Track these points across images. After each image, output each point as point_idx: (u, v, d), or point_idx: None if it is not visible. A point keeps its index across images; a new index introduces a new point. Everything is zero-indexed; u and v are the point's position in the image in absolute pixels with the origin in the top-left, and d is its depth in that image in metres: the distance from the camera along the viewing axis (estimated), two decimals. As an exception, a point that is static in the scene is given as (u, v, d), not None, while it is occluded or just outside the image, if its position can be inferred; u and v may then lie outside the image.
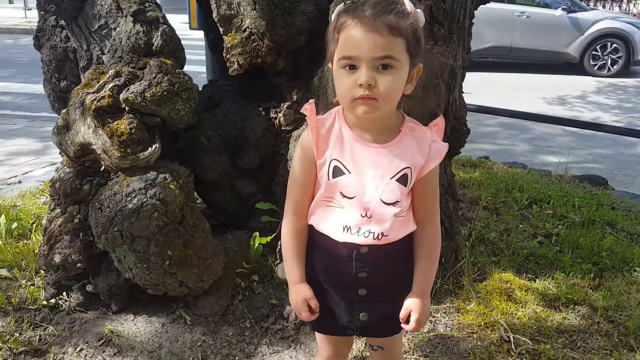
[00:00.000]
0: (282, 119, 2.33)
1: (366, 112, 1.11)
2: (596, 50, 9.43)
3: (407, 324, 1.27)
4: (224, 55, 2.30)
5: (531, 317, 2.14)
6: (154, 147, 1.93)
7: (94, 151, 1.93)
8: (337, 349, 1.46)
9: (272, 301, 2.11)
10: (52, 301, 2.12)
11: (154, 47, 2.05)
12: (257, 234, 2.21)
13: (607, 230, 2.99)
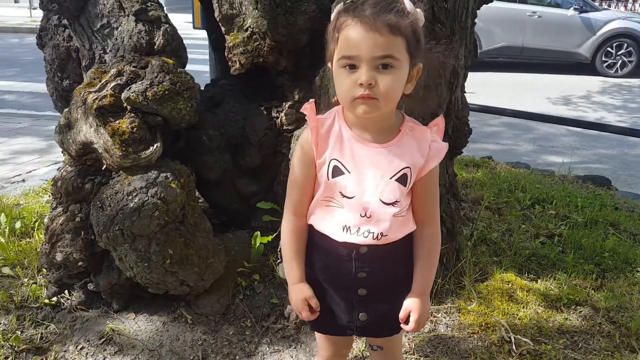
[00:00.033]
0: (284, 118, 2.33)
1: (366, 111, 1.11)
2: (609, 49, 9.31)
3: (407, 324, 1.26)
4: (226, 54, 2.30)
5: (532, 317, 2.13)
6: (155, 146, 1.94)
7: (95, 150, 1.94)
8: (337, 349, 1.46)
9: (273, 300, 2.12)
10: (54, 299, 2.13)
11: (155, 47, 2.06)
12: (259, 233, 2.22)
13: (610, 230, 2.98)
